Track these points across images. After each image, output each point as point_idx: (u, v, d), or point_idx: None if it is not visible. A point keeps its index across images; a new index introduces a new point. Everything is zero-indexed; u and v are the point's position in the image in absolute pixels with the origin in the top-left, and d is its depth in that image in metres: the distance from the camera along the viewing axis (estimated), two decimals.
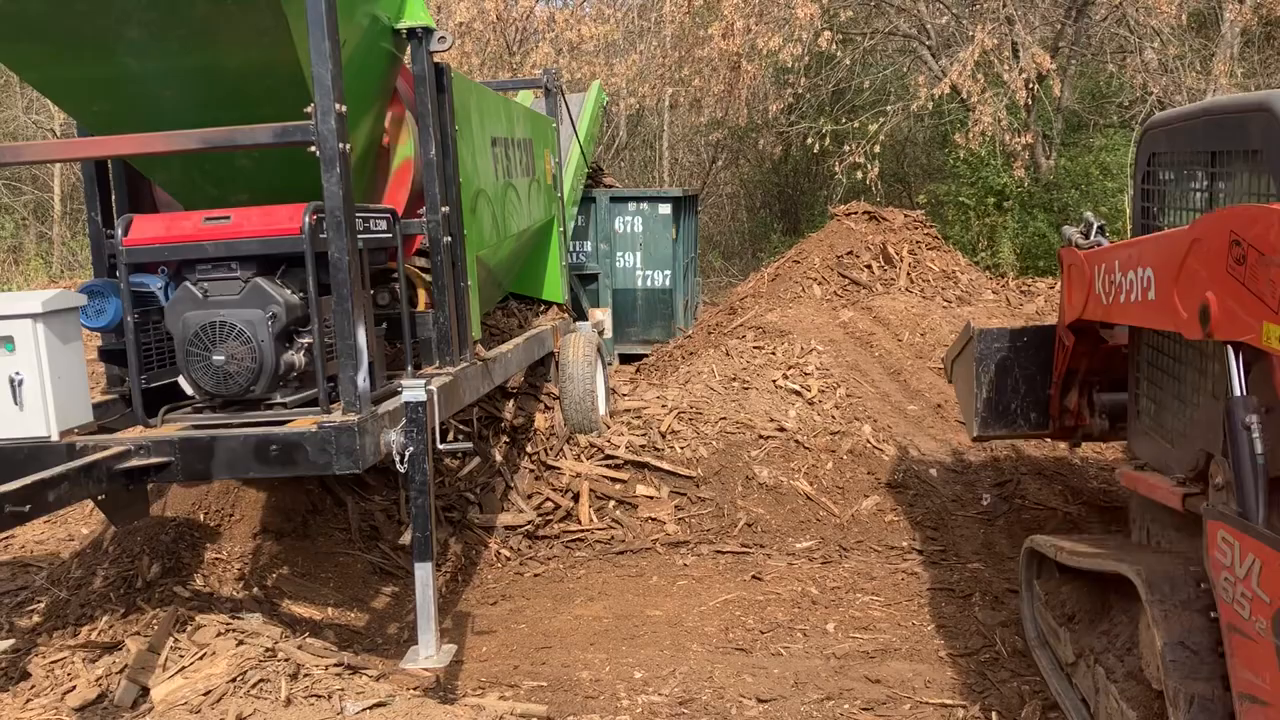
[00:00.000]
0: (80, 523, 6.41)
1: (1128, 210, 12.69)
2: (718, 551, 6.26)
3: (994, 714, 4.25)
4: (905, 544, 6.26)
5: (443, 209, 4.99)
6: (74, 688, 4.05)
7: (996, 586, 5.61)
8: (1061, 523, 6.31)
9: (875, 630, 5.16)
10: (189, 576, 5.08)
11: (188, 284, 4.08)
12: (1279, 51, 17.48)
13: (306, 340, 4.16)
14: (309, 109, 3.81)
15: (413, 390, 3.98)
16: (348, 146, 3.89)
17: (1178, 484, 3.50)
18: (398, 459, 4.01)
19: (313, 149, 3.81)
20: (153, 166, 4.61)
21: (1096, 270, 3.93)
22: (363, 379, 3.97)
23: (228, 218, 4.05)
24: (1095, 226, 4.39)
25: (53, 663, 4.24)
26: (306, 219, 3.91)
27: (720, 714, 4.33)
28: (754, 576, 5.89)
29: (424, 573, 4.03)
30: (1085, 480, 6.69)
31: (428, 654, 4.05)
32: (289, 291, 4.12)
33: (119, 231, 4.10)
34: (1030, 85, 13.00)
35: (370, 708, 3.89)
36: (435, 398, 4.12)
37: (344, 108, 3.84)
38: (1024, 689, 4.44)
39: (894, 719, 4.26)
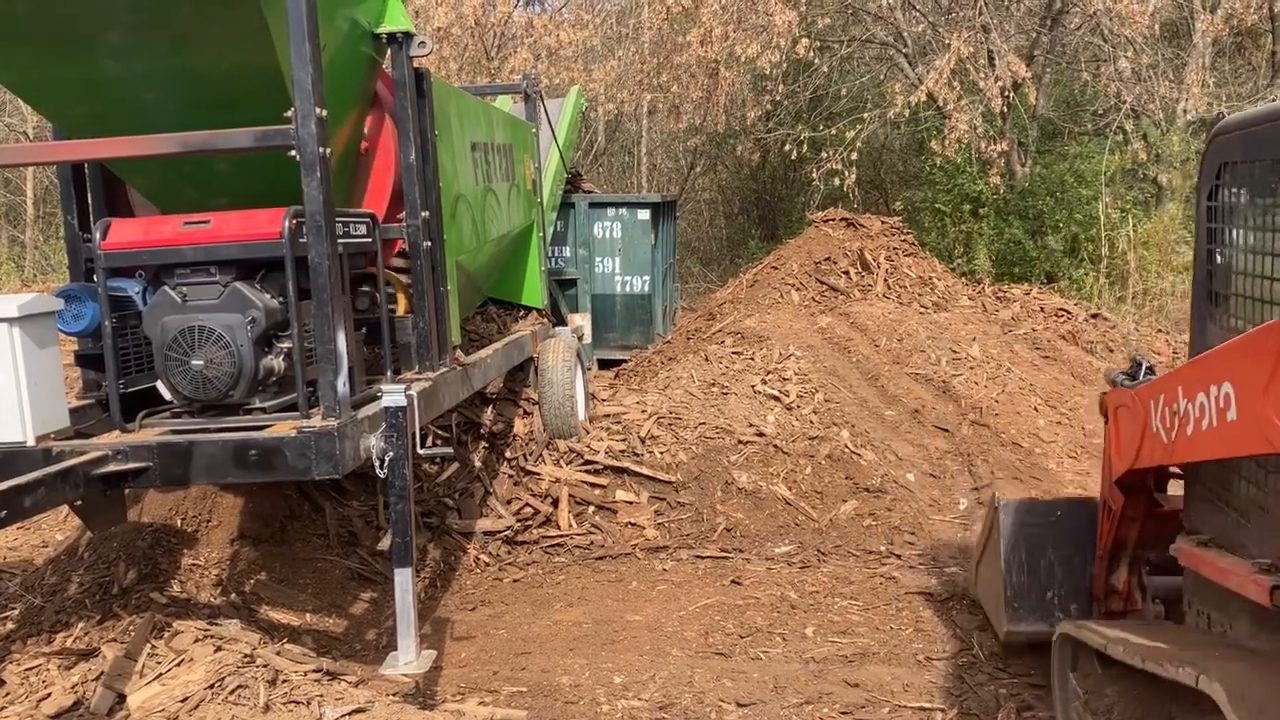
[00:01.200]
0: (55, 529, 6.35)
1: (1101, 219, 12.82)
2: (697, 556, 6.27)
3: (971, 717, 4.28)
4: (883, 548, 6.30)
5: (422, 214, 4.99)
6: (49, 695, 4.00)
7: (973, 591, 5.65)
8: None
9: (854, 634, 5.18)
10: (166, 582, 5.04)
11: (166, 288, 4.06)
12: (1249, 61, 17.72)
13: (286, 345, 4.15)
14: (289, 113, 3.80)
15: (392, 395, 3.97)
16: (328, 151, 3.88)
17: (1261, 571, 2.89)
18: (377, 464, 4.00)
19: (293, 153, 3.80)
20: (131, 170, 4.58)
21: (1152, 406, 3.34)
22: (342, 384, 3.96)
23: (207, 222, 4.03)
24: (1144, 366, 3.78)
25: (27, 670, 4.19)
26: (286, 223, 3.89)
27: (700, 718, 4.34)
28: (733, 581, 5.90)
29: (404, 578, 4.02)
30: (1061, 485, 6.74)
31: (407, 659, 4.04)
32: (268, 296, 4.10)
33: (97, 235, 4.07)
34: (1006, 93, 13.11)
35: (350, 714, 3.87)
36: (415, 403, 4.12)
37: (324, 112, 3.83)
38: (1001, 692, 4.47)
39: None
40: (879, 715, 4.34)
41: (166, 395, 4.26)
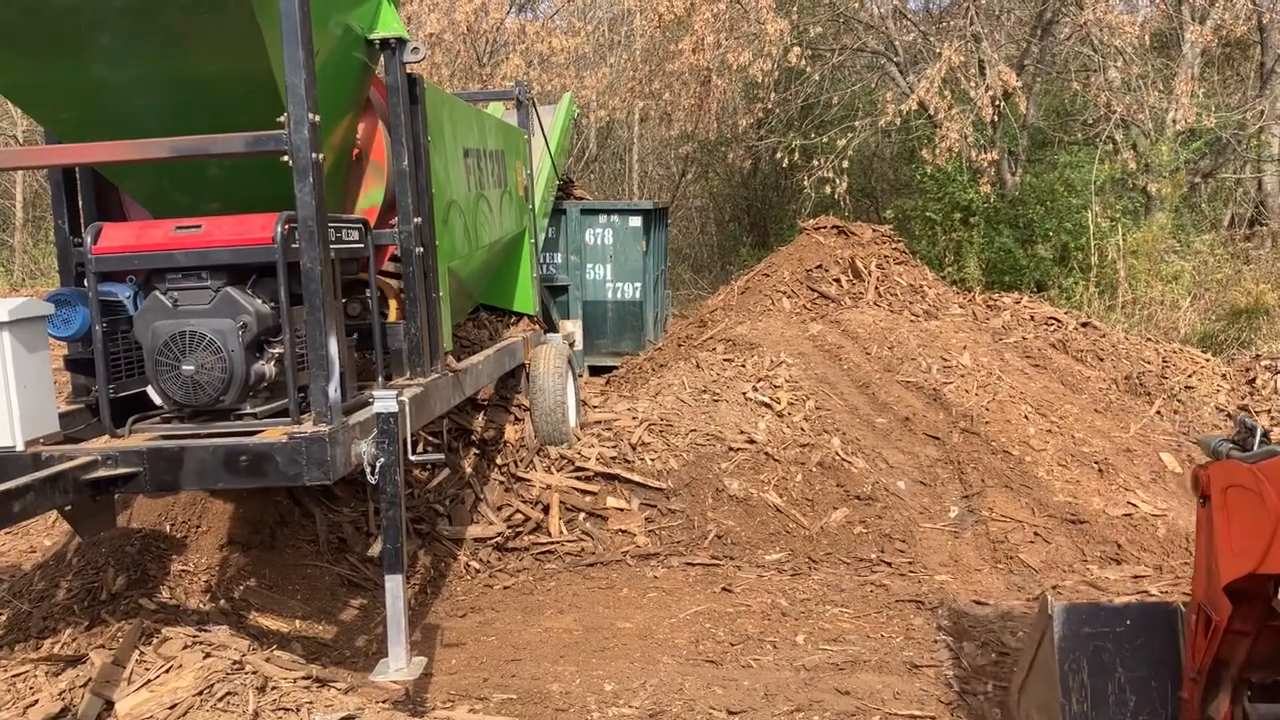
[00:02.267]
0: (43, 534, 6.32)
1: (1091, 228, 12.87)
2: (688, 563, 6.27)
3: None
4: (874, 556, 6.30)
5: (415, 219, 4.99)
6: (36, 702, 3.98)
7: (963, 598, 5.66)
8: (1028, 536, 6.38)
9: (844, 642, 5.18)
10: (155, 588, 5.02)
11: (157, 293, 4.05)
12: (1237, 72, 17.83)
13: (277, 350, 4.14)
14: (282, 118, 3.79)
15: (384, 401, 3.96)
16: (321, 156, 3.88)
17: None
18: (368, 470, 4.00)
19: (286, 159, 3.79)
20: (122, 174, 4.57)
21: None
22: (334, 389, 3.95)
23: (199, 226, 4.02)
24: (1258, 432, 2.99)
25: (14, 676, 4.17)
26: (279, 229, 3.89)
27: None
28: (724, 588, 5.90)
29: (395, 585, 4.01)
30: (1051, 493, 6.75)
31: (398, 666, 4.03)
32: (260, 301, 4.10)
33: (88, 240, 4.06)
34: (996, 102, 13.16)
35: None
36: (406, 409, 4.11)
37: (317, 117, 3.83)
38: (991, 700, 4.47)
39: None
40: None
41: (157, 400, 4.25)
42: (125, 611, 4.62)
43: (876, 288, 10.01)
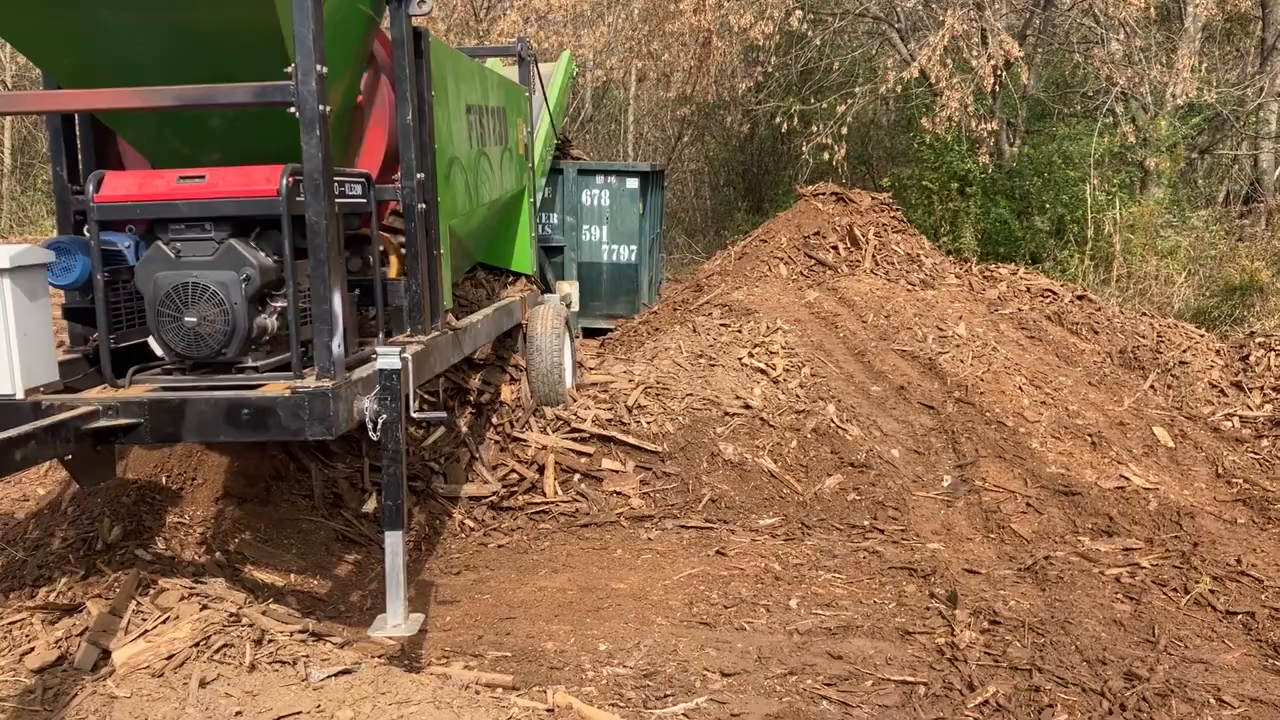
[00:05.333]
0: (36, 483, 6.29)
1: (1088, 200, 12.86)
2: (682, 526, 6.29)
3: (953, 691, 4.32)
4: (867, 523, 6.33)
5: (418, 175, 4.94)
6: (32, 649, 3.98)
7: (955, 566, 5.70)
8: (1020, 506, 6.42)
9: (837, 607, 5.22)
10: (150, 540, 5.02)
11: (160, 243, 4.01)
12: (1237, 48, 17.75)
13: (280, 304, 4.12)
14: (289, 69, 3.75)
15: (387, 357, 3.95)
16: (328, 109, 3.84)
17: None
18: (370, 426, 3.99)
19: (292, 110, 3.75)
20: (123, 122, 4.51)
21: None
22: (337, 344, 3.94)
23: (203, 177, 3.98)
24: None
25: (10, 624, 4.17)
26: (284, 181, 3.85)
27: (684, 687, 4.36)
28: (718, 552, 5.93)
29: (394, 541, 4.01)
30: (1044, 464, 6.79)
31: (396, 622, 4.04)
32: (263, 254, 4.07)
33: (90, 188, 4.01)
34: (998, 72, 13.09)
35: (336, 675, 3.87)
36: (409, 365, 4.10)
37: (325, 69, 3.79)
38: (982, 667, 4.52)
39: (856, 695, 4.31)
40: (862, 688, 4.38)
41: (158, 352, 4.23)
42: (121, 562, 4.61)
43: (874, 256, 10.01)
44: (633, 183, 11.72)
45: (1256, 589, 5.39)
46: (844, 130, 14.20)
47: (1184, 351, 8.52)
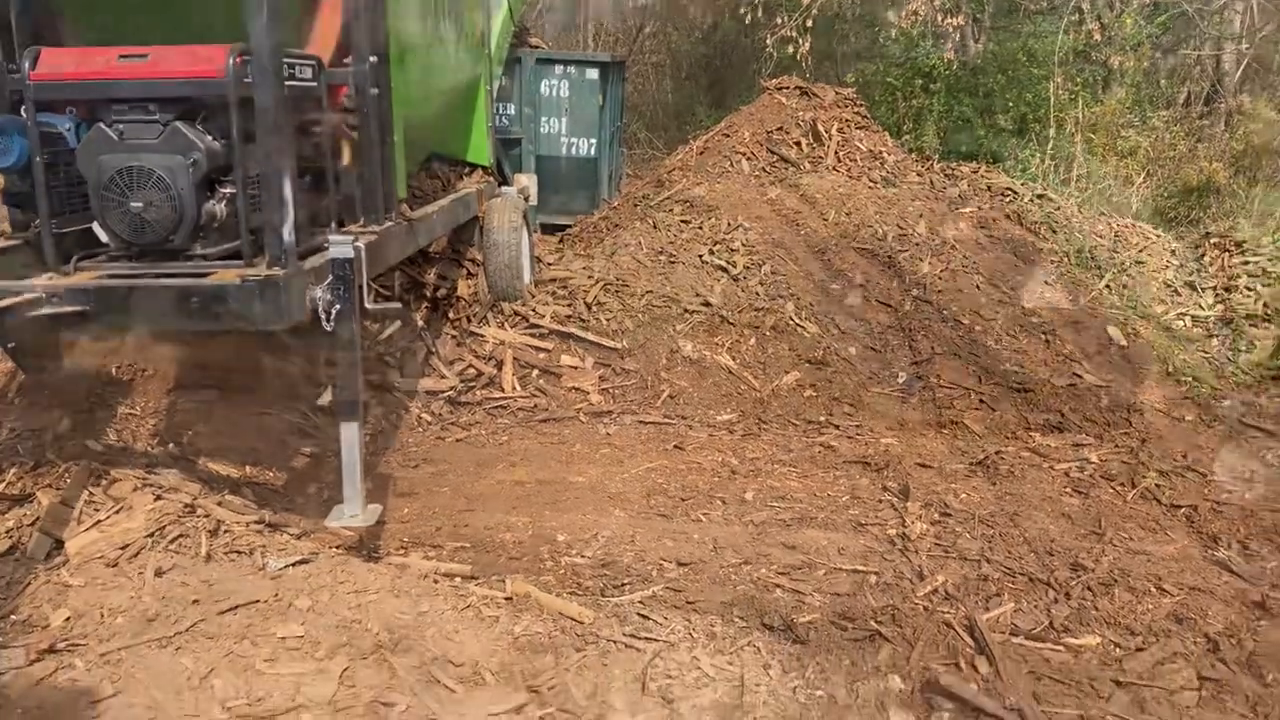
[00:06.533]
0: None
1: (1051, 99, 12.77)
2: (640, 422, 6.31)
3: (904, 581, 4.42)
4: (823, 419, 6.39)
5: (370, 58, 4.77)
6: None
7: (908, 460, 5.79)
8: (973, 403, 6.50)
9: (792, 500, 5.29)
10: (101, 431, 4.95)
11: (102, 125, 3.86)
12: None
13: (229, 190, 3.99)
14: None
15: (340, 246, 3.87)
16: None
17: None
18: (324, 317, 3.92)
19: None
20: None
21: None
22: (289, 232, 3.83)
23: (145, 56, 3.81)
24: None
25: None
26: (231, 61, 3.70)
27: (641, 576, 4.42)
28: (676, 447, 5.97)
29: (350, 433, 3.99)
30: (999, 362, 6.86)
31: (353, 513, 4.04)
32: (210, 138, 3.92)
33: (25, 65, 3.83)
34: None
35: (293, 564, 3.88)
36: (362, 254, 4.01)
37: None
38: (933, 557, 4.61)
39: (808, 583, 4.40)
40: (815, 576, 4.46)
41: (103, 238, 4.10)
42: (71, 453, 4.54)
43: (836, 152, 9.89)
44: (593, 73, 11.44)
45: (1200, 484, 5.53)
46: (809, 23, 13.90)
47: (1140, 251, 8.57)
